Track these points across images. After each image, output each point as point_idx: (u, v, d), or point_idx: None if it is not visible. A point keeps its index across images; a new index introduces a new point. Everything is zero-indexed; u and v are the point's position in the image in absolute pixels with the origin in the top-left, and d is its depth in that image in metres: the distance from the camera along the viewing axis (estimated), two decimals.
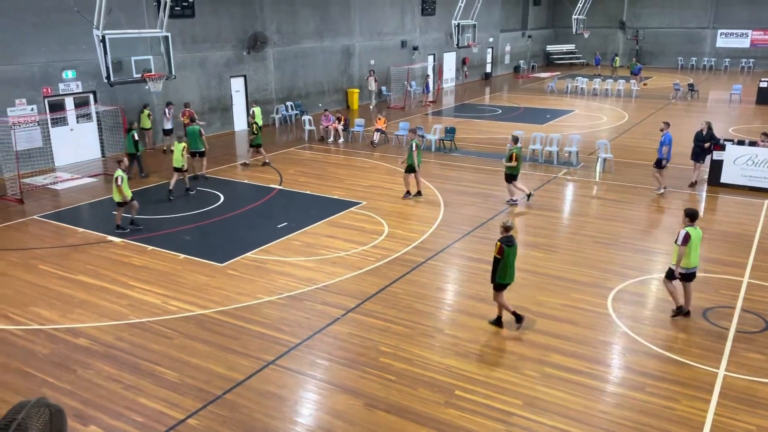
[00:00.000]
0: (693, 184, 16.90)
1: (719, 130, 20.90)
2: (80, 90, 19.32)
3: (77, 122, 19.69)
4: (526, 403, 7.45)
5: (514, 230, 9.56)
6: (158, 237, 13.09)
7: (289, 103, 27.15)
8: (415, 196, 15.77)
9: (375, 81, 31.49)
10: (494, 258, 8.94)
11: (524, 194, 15.39)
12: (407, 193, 15.75)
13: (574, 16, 44.59)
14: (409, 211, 14.80)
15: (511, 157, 14.85)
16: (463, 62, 41.28)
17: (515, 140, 15.18)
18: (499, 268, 8.88)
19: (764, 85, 31.03)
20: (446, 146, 21.73)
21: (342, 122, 22.91)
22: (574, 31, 45.41)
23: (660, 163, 16.06)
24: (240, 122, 25.37)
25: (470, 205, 15.34)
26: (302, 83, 28.05)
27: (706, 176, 17.15)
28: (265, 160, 19.25)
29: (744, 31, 47.39)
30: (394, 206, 15.18)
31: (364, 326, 9.32)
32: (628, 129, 25.25)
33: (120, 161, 13.46)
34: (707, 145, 16.82)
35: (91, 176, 18.09)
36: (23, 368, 8.23)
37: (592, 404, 7.44)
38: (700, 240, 9.42)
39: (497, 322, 9.29)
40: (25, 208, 15.21)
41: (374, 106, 30.88)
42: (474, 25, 32.92)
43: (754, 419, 7.17)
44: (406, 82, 32.76)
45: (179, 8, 21.53)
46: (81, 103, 19.56)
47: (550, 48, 54.36)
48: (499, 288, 9.08)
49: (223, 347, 8.71)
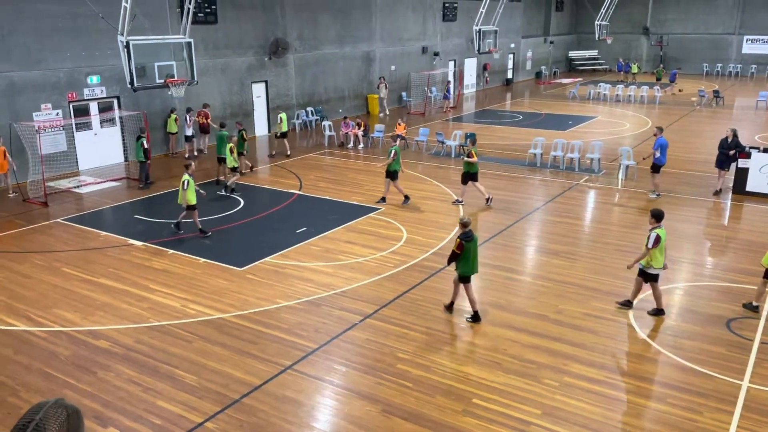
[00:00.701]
0: (717, 192, 16.64)
1: (745, 137, 20.57)
2: (104, 95, 19.62)
3: (101, 127, 19.99)
4: (545, 412, 7.36)
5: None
6: (178, 241, 13.21)
7: (309, 109, 27.29)
8: (380, 201, 15.83)
9: (386, 88, 30.70)
10: (453, 252, 9.48)
11: (460, 199, 15.83)
12: (382, 199, 15.87)
13: (596, 22, 44.28)
14: (427, 218, 14.77)
15: (469, 154, 15.37)
16: (484, 68, 41.19)
17: (473, 141, 15.88)
18: (461, 262, 9.42)
19: None
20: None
21: (362, 128, 22.97)
22: (596, 36, 45.09)
23: (657, 167, 16.31)
24: (261, 127, 25.55)
25: (490, 211, 15.26)
26: (323, 89, 28.19)
27: (731, 184, 16.86)
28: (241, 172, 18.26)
29: None
30: (412, 212, 15.15)
31: (381, 332, 9.29)
32: (651, 136, 24.92)
33: (187, 165, 13.40)
34: (732, 152, 16.55)
35: (114, 180, 18.34)
36: (45, 369, 8.34)
37: (612, 414, 7.33)
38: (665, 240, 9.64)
39: (475, 318, 9.65)
40: (50, 211, 15.45)
41: (386, 114, 30.38)
42: (495, 31, 32.87)
43: None
44: (426, 88, 32.77)
45: (202, 15, 21.78)
46: (105, 108, 19.86)
47: (573, 54, 54.03)
48: (465, 280, 9.60)
49: (242, 351, 8.75)
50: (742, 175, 16.59)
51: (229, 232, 13.82)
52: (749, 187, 16.47)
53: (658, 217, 9.66)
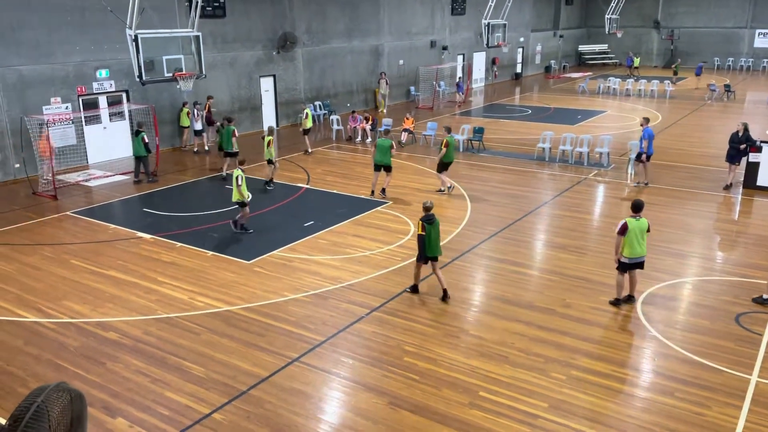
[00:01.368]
0: (728, 187, 16.51)
1: (756, 131, 20.36)
2: (113, 89, 19.69)
3: (110, 121, 20.06)
4: (551, 405, 7.34)
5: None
6: (187, 234, 13.25)
7: (317, 103, 27.28)
8: (380, 193, 15.89)
9: (387, 84, 30.10)
10: (418, 236, 9.92)
11: (447, 186, 16.19)
12: (377, 191, 15.97)
13: (607, 16, 43.93)
14: (435, 212, 14.69)
15: (443, 144, 15.71)
16: (493, 62, 41.01)
17: (448, 130, 16.33)
18: (424, 244, 9.83)
19: None
20: (474, 146, 21.60)
21: (370, 122, 22.94)
22: (607, 30, 44.71)
23: (640, 156, 16.71)
24: (269, 122, 25.57)
25: (498, 205, 15.22)
26: (331, 83, 28.16)
27: (742, 179, 16.73)
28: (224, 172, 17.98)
29: None
30: (420, 206, 15.10)
31: (388, 325, 9.30)
32: (661, 130, 24.78)
33: (241, 162, 13.29)
34: (743, 146, 16.41)
35: (123, 174, 18.41)
36: (55, 360, 8.40)
37: (619, 408, 7.31)
38: (645, 231, 9.57)
39: (414, 290, 10.22)
40: (59, 204, 15.55)
41: (383, 111, 29.72)
42: (504, 25, 32.67)
43: None
44: (434, 83, 32.66)
45: (210, 8, 21.79)
46: (114, 102, 19.93)
47: (583, 48, 53.67)
48: (422, 259, 9.99)
49: (249, 344, 8.77)
50: (752, 169, 16.45)
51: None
52: (760, 182, 16.33)
53: (634, 207, 9.66)
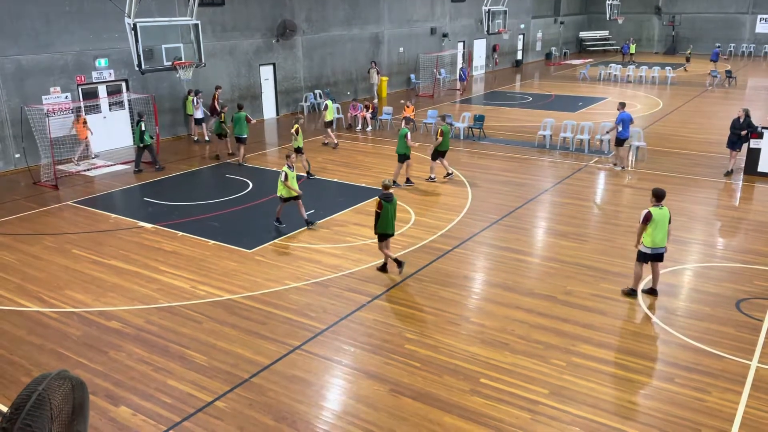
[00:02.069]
0: (729, 173, 16.48)
1: (757, 118, 20.28)
2: (113, 78, 19.62)
3: (110, 110, 20.02)
4: (552, 392, 7.38)
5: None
6: (188, 223, 13.26)
7: (317, 92, 27.19)
8: (407, 183, 15.88)
9: (378, 73, 29.29)
10: (375, 212, 10.28)
11: (448, 173, 16.36)
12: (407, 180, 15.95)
13: (608, 2, 43.60)
14: (436, 200, 14.74)
15: (438, 132, 15.82)
16: (494, 49, 40.81)
17: (443, 119, 16.73)
18: (380, 221, 10.24)
19: None
20: (475, 134, 21.55)
21: (370, 110, 22.87)
22: (608, 16, 44.45)
23: (621, 141, 16.97)
24: (269, 110, 25.50)
25: (498, 193, 15.21)
26: (330, 71, 28.04)
27: (743, 165, 16.70)
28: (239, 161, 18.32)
29: None
30: (421, 194, 15.13)
31: (389, 313, 9.33)
32: (662, 117, 24.71)
33: (288, 156, 12.96)
34: (744, 133, 16.36)
35: (124, 163, 18.40)
36: (57, 349, 8.44)
37: (620, 394, 7.34)
38: (667, 220, 9.39)
39: (383, 269, 10.70)
40: (60, 194, 15.55)
41: (375, 100, 28.76)
42: (505, 12, 32.48)
43: None
44: (435, 70, 32.52)
45: None
46: (113, 91, 19.87)
47: (583, 34, 53.39)
48: (382, 238, 10.48)
49: (251, 332, 8.81)
50: (753, 155, 16.41)
51: (238, 215, 13.86)
52: (761, 168, 16.30)
53: (657, 196, 9.51)
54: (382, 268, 10.75)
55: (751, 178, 16.23)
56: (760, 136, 16.23)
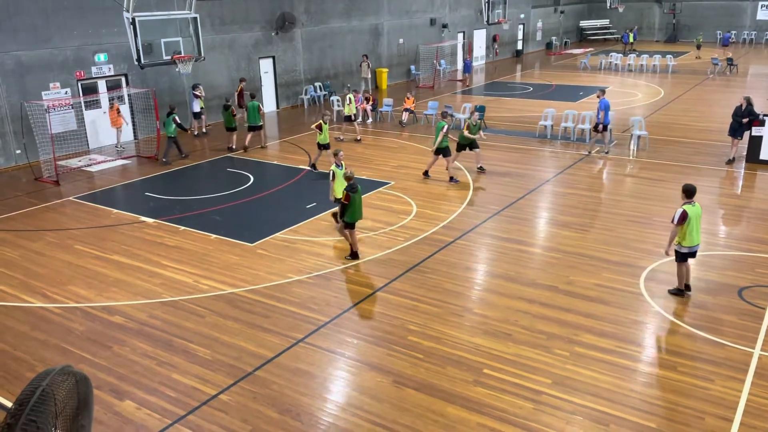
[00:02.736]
0: (731, 161, 16.44)
1: (759, 105, 20.22)
2: (112, 73, 19.58)
3: (110, 105, 19.97)
4: (555, 382, 7.39)
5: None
6: (190, 217, 13.27)
7: (317, 84, 27.12)
8: (449, 180, 15.36)
9: (369, 67, 28.44)
10: (342, 204, 10.55)
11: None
12: (424, 173, 15.73)
13: None
14: (437, 191, 14.73)
15: (465, 126, 15.59)
16: (494, 39, 40.65)
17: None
18: (350, 210, 10.50)
19: None
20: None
21: (371, 102, 22.82)
22: (608, 5, 44.22)
23: (597, 127, 17.35)
24: (269, 104, 25.45)
25: (499, 184, 15.19)
26: (330, 64, 27.96)
27: (745, 153, 16.66)
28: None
29: None
30: (422, 186, 15.11)
31: (392, 305, 9.34)
32: (663, 105, 24.63)
33: (336, 153, 12.38)
34: (746, 120, 16.30)
35: (124, 158, 18.39)
36: (62, 345, 8.46)
37: (623, 383, 7.35)
38: (700, 217, 9.18)
39: (354, 256, 10.92)
40: (61, 189, 15.56)
41: (364, 91, 27.50)
42: (504, 1, 32.33)
43: None
44: (435, 61, 32.41)
45: None
46: (113, 86, 19.83)
47: (584, 23, 53.14)
48: (349, 226, 10.72)
49: (254, 325, 8.83)
50: (755, 143, 16.36)
51: (240, 208, 13.86)
52: (763, 156, 16.25)
53: (687, 192, 9.17)
54: (353, 256, 10.93)
55: (753, 166, 16.19)
56: (761, 123, 16.18)
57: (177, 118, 17.80)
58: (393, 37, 31.52)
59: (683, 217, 8.97)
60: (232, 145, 18.98)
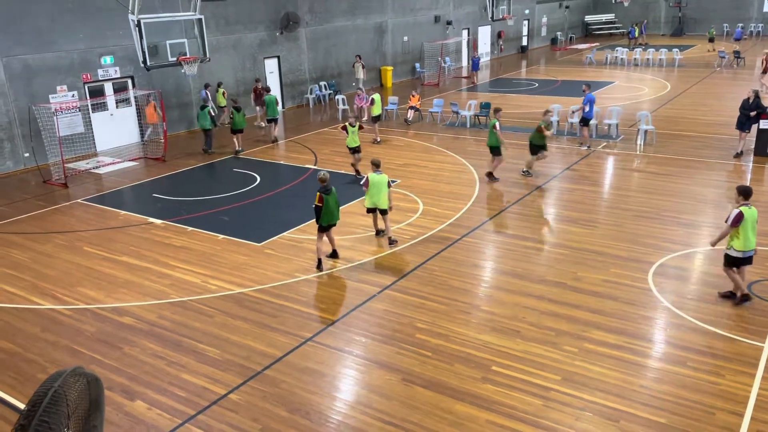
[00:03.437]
0: (739, 155, 16.35)
1: (766, 98, 20.08)
2: (118, 75, 19.67)
3: (116, 107, 20.08)
4: (564, 378, 7.38)
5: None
6: (197, 218, 13.32)
7: (322, 83, 27.14)
8: (486, 176, 15.16)
9: (363, 68, 27.93)
10: (315, 206, 10.27)
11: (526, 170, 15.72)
12: (489, 174, 15.22)
13: None
14: (443, 189, 14.72)
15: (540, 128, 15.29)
16: (498, 36, 40.55)
17: (546, 113, 16.15)
18: (323, 213, 10.25)
19: None
20: (481, 122, 21.46)
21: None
22: None
23: (587, 121, 17.68)
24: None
25: (506, 181, 15.16)
26: (335, 63, 27.97)
27: (753, 146, 16.55)
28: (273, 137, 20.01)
29: None
30: (428, 184, 15.11)
31: (399, 303, 9.35)
32: (670, 99, 24.51)
33: (377, 164, 11.61)
34: (753, 113, 16.20)
35: (132, 160, 18.47)
36: (72, 346, 8.52)
37: (632, 379, 7.33)
38: (756, 220, 8.78)
39: (334, 255, 10.89)
40: (70, 192, 15.65)
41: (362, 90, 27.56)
42: None
43: None
44: (439, 58, 32.37)
45: None
46: (120, 89, 19.93)
47: (589, 18, 52.93)
48: (322, 229, 10.48)
49: (262, 324, 8.86)
50: (763, 136, 16.26)
51: (247, 209, 13.90)
52: None
53: (744, 193, 8.90)
54: (333, 254, 10.95)
55: (761, 159, 16.09)
56: None
57: (211, 111, 18.45)
58: (397, 35, 31.50)
59: (738, 219, 8.60)
60: (238, 147, 18.79)
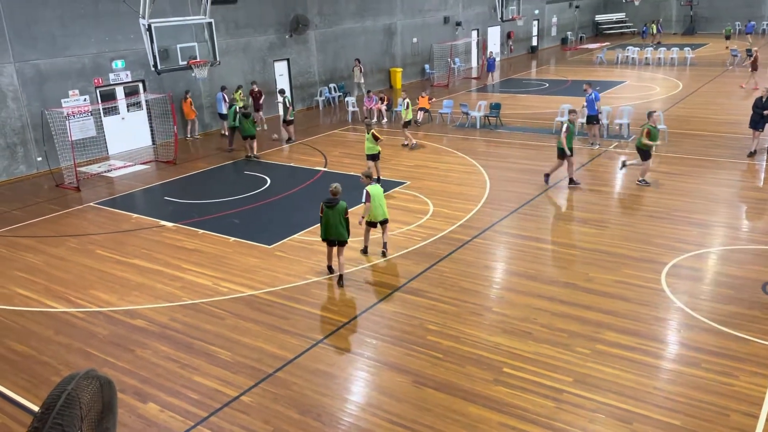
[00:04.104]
0: (752, 154, 16.20)
1: None
2: (129, 79, 19.80)
3: (128, 111, 20.22)
4: (577, 380, 7.34)
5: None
6: (208, 221, 13.38)
7: (332, 85, 27.19)
8: (572, 184, 14.47)
9: (361, 71, 27.41)
10: (319, 217, 9.89)
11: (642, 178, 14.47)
12: (571, 180, 14.54)
13: None
14: (454, 190, 14.69)
15: (644, 133, 13.88)
16: (508, 36, 40.45)
17: (649, 116, 14.23)
18: (321, 225, 9.86)
19: None
20: (491, 122, 21.41)
21: (385, 102, 22.83)
22: None
23: (591, 119, 17.86)
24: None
25: (516, 181, 15.11)
26: (344, 65, 28.02)
27: (766, 145, 16.40)
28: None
29: None
30: (439, 185, 15.09)
31: (410, 305, 9.33)
32: (682, 99, 24.34)
33: (376, 178, 11.62)
34: (767, 112, 16.05)
35: (143, 163, 18.59)
36: (85, 348, 8.58)
37: (645, 381, 7.28)
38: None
39: (339, 279, 10.11)
40: (82, 195, 15.77)
41: (360, 94, 26.97)
42: None
43: None
44: (449, 59, 32.34)
45: None
46: (131, 92, 20.06)
47: (599, 18, 52.70)
48: (326, 242, 10.06)
49: (273, 327, 8.88)
50: None
51: (257, 211, 13.94)
52: None
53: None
54: (338, 279, 10.11)
55: None
56: None
57: (238, 108, 18.82)
58: (406, 36, 31.50)
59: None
60: (252, 153, 18.45)
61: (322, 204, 9.87)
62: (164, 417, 7.04)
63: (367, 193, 10.60)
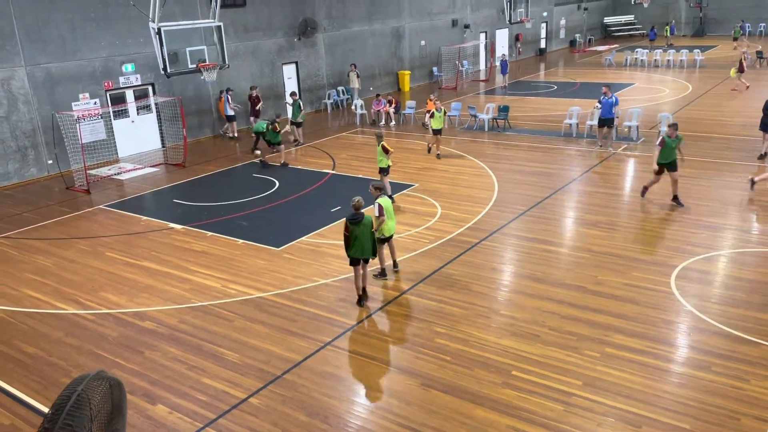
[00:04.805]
0: (762, 156, 16.09)
1: None
2: (139, 82, 19.92)
3: (138, 114, 20.34)
4: (586, 383, 7.30)
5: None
6: (217, 223, 13.43)
7: (340, 88, 27.24)
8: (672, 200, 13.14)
9: (357, 77, 26.80)
10: (344, 236, 9.23)
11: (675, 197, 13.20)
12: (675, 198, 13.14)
13: None
14: (462, 192, 14.68)
15: (660, 141, 12.91)
16: (516, 39, 40.40)
17: (671, 126, 13.01)
18: (353, 245, 9.17)
19: None
20: (500, 125, 21.38)
21: (393, 105, 22.85)
22: (632, 0, 43.65)
23: (603, 122, 17.59)
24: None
25: (525, 184, 15.07)
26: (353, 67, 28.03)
27: None
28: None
29: None
30: (446, 188, 15.07)
31: (418, 307, 9.33)
32: (692, 101, 24.21)
33: (382, 188, 10.46)
34: None
35: (153, 166, 18.68)
36: (95, 350, 8.62)
37: (655, 384, 7.23)
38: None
39: (361, 297, 9.51)
40: (92, 198, 15.87)
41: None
42: (527, 0, 32.14)
43: None
44: (457, 62, 32.33)
45: None
46: (141, 96, 20.18)
47: (608, 20, 52.53)
48: (352, 262, 9.36)
49: (282, 329, 8.89)
50: None
51: (266, 213, 13.98)
52: None
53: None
54: (362, 297, 9.55)
55: None
56: None
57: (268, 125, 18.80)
58: (415, 39, 31.52)
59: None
60: (281, 160, 17.98)
61: (345, 222, 9.18)
62: (173, 419, 7.07)
63: (380, 206, 9.91)
